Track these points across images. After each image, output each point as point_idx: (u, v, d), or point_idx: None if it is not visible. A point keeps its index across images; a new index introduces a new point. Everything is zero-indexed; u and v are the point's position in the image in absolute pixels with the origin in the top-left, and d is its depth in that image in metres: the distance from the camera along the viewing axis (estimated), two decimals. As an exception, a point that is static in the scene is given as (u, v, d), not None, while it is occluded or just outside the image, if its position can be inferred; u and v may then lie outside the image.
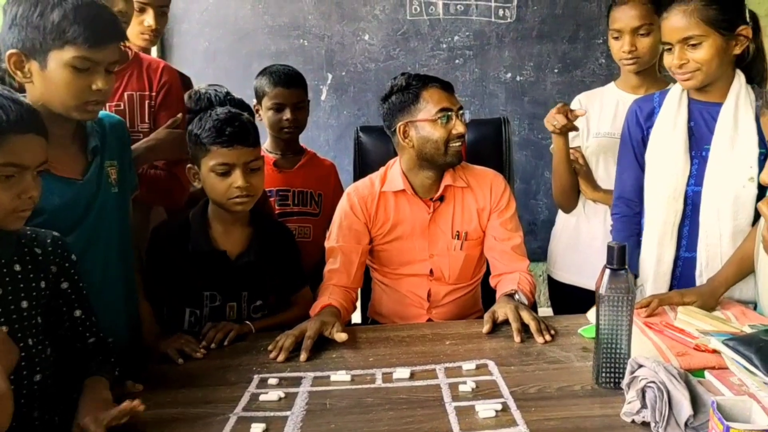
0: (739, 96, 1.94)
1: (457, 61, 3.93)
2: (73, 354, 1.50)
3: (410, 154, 2.12)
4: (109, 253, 1.75)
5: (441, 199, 2.17)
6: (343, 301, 2.02)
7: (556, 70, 3.93)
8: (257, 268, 1.95)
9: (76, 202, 1.66)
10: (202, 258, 1.91)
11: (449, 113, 2.06)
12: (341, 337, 1.79)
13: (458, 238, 2.19)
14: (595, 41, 3.89)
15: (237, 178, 1.84)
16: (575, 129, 2.27)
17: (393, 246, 2.19)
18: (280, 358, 1.72)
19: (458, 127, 2.07)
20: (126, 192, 1.84)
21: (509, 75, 3.94)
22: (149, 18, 2.31)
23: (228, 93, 2.40)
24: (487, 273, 2.25)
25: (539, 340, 1.79)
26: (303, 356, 1.72)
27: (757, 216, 1.89)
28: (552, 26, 3.90)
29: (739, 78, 1.96)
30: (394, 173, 2.19)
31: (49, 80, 1.53)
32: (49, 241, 1.45)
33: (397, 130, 2.11)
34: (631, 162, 2.11)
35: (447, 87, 2.11)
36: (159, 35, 2.45)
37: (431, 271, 2.19)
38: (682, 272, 2.01)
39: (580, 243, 2.44)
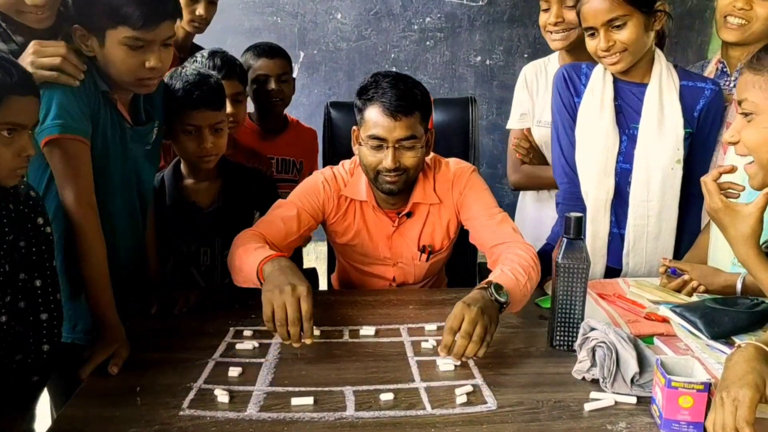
0: (662, 77, 1.99)
1: (427, 42, 3.98)
2: None
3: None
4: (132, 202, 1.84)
5: (408, 214, 1.98)
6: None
7: (525, 55, 3.96)
8: (227, 216, 2.04)
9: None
10: (177, 210, 2.03)
11: (381, 143, 1.80)
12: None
13: (424, 252, 2.02)
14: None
15: (202, 139, 1.94)
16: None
17: (355, 249, 2.04)
18: (296, 345, 1.49)
19: (386, 161, 1.80)
20: (158, 146, 1.92)
21: (479, 58, 4.00)
22: (200, 8, 2.41)
23: (225, 54, 2.30)
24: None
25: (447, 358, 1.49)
26: (309, 340, 1.49)
27: (682, 196, 2.01)
28: (523, 10, 3.94)
29: (660, 59, 2.01)
30: (361, 177, 1.96)
31: (107, 56, 1.61)
32: (33, 193, 1.48)
33: (352, 132, 1.93)
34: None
35: (396, 110, 1.76)
36: (207, 24, 2.51)
37: (394, 278, 2.07)
38: (611, 248, 2.07)
39: (544, 224, 2.38)
